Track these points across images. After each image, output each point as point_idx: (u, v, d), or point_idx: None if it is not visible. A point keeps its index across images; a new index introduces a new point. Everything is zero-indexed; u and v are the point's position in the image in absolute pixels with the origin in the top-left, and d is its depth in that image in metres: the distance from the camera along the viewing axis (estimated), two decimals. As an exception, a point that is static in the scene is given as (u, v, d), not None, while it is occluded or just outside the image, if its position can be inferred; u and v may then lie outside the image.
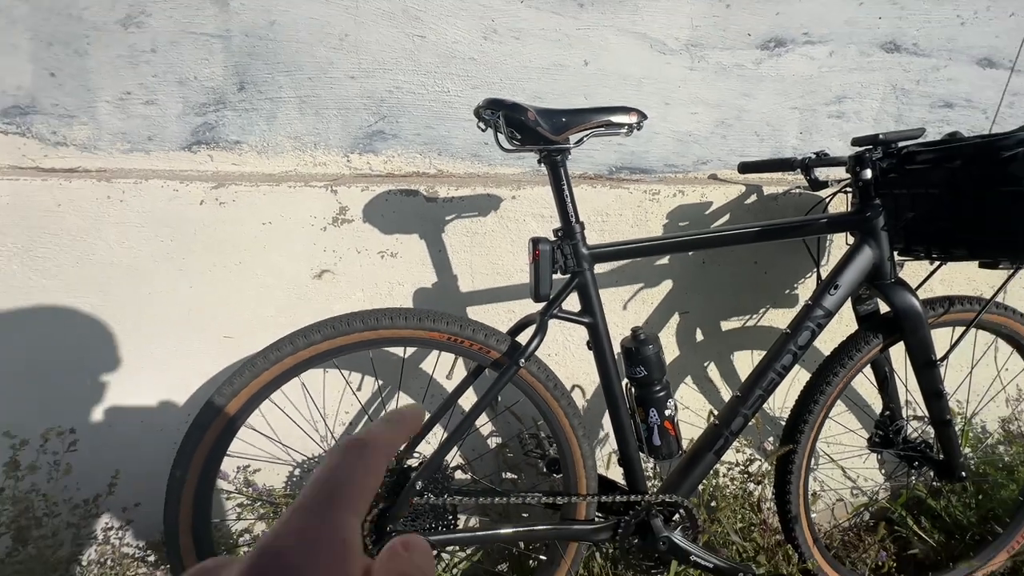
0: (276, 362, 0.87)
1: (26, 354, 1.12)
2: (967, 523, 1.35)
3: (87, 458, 1.06)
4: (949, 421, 1.10)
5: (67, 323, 1.13)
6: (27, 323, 1.11)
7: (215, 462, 0.89)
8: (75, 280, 1.12)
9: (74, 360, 1.14)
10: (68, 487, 0.99)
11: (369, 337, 0.89)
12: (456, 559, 1.23)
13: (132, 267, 1.14)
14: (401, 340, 0.91)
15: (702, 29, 1.42)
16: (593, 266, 0.97)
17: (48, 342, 1.12)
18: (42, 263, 1.11)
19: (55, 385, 1.13)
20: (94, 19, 1.16)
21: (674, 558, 1.01)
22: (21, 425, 1.04)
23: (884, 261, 1.06)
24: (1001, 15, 1.59)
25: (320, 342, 0.87)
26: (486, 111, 0.89)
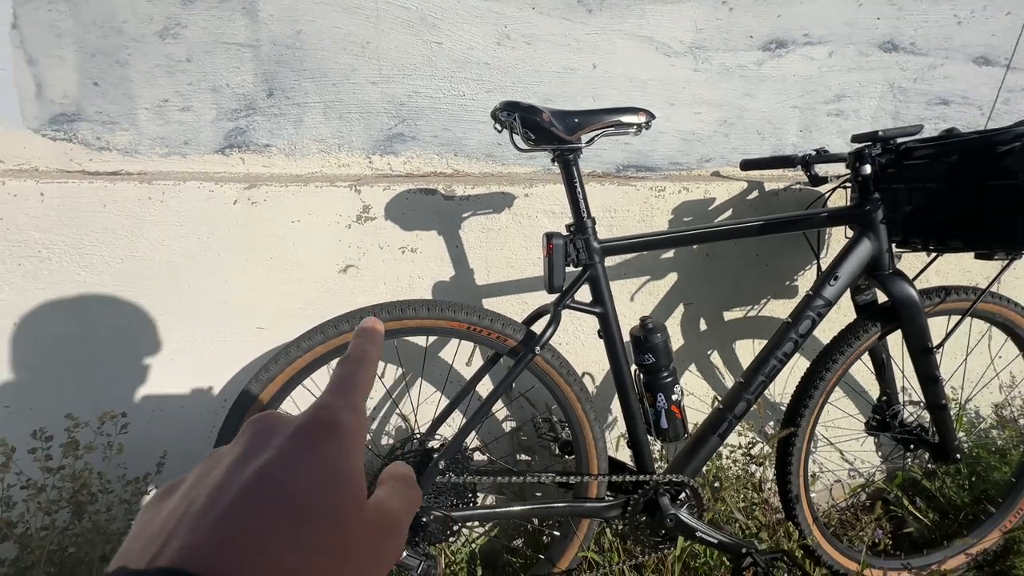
0: (308, 350, 0.89)
1: (80, 343, 1.15)
2: (961, 503, 1.35)
3: (138, 439, 1.10)
4: (944, 405, 1.10)
5: (116, 315, 1.16)
6: (80, 315, 1.14)
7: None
8: (121, 275, 1.15)
9: (123, 349, 1.17)
10: (120, 466, 1.02)
11: (394, 327, 0.90)
12: (475, 535, 1.25)
13: (172, 263, 1.17)
14: (423, 330, 0.92)
15: (705, 32, 1.42)
16: (604, 259, 0.98)
17: (100, 332, 1.16)
18: (90, 259, 1.14)
19: (108, 372, 1.16)
20: (133, 31, 1.18)
21: (680, 534, 1.03)
22: (79, 408, 1.08)
23: (882, 253, 1.06)
24: (997, 14, 1.56)
25: (349, 332, 0.89)
26: (502, 113, 0.89)
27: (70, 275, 1.14)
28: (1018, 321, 1.18)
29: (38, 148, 1.21)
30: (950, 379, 1.57)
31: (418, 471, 0.92)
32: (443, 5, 1.27)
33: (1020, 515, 1.27)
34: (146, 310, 1.17)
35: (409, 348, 1.30)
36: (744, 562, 1.01)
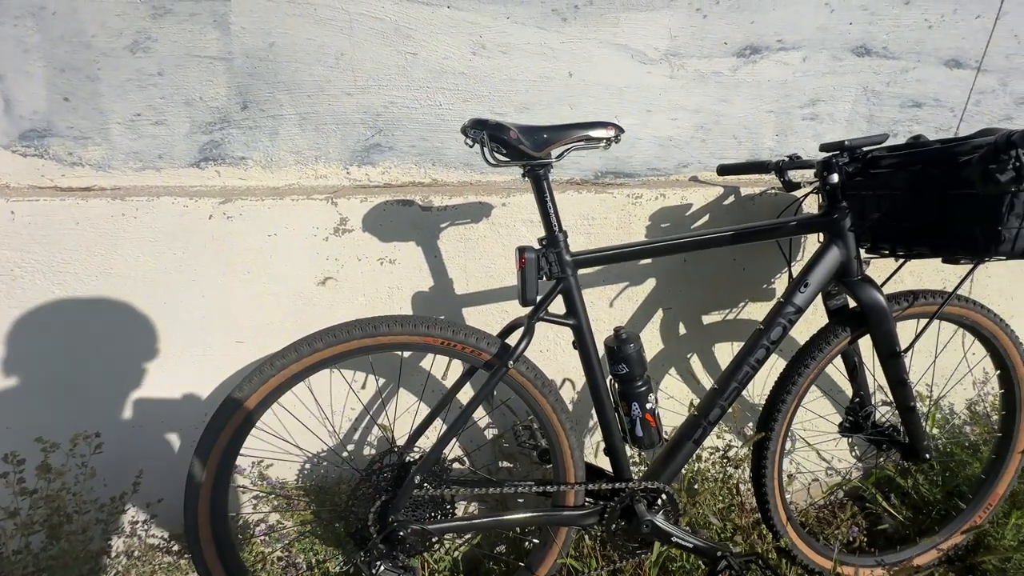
0: (282, 368, 0.89)
1: (53, 363, 1.14)
2: (933, 500, 1.38)
3: (113, 457, 1.10)
4: (913, 407, 1.13)
5: (90, 333, 1.15)
6: (53, 334, 1.13)
7: (230, 460, 0.91)
8: (96, 293, 1.15)
9: (99, 367, 1.16)
10: (95, 487, 1.02)
11: (368, 344, 0.91)
12: (457, 543, 1.27)
13: (148, 279, 1.16)
14: (397, 345, 0.93)
15: (680, 39, 1.42)
16: (576, 272, 0.99)
17: (73, 351, 1.15)
18: (64, 278, 1.13)
19: (82, 392, 1.16)
20: (103, 46, 1.17)
21: (657, 539, 1.04)
22: (53, 429, 1.07)
23: (851, 260, 1.08)
24: (967, 17, 1.58)
25: (323, 349, 0.90)
26: (471, 130, 0.90)
27: (43, 293, 1.13)
28: (983, 323, 1.20)
29: (8, 164, 1.19)
30: (921, 378, 1.60)
31: (395, 485, 0.93)
32: (417, 15, 1.27)
33: (989, 510, 1.30)
34: (122, 328, 1.16)
35: (390, 360, 1.30)
36: (719, 565, 1.03)
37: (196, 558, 0.93)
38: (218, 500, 0.92)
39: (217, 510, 0.91)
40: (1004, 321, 1.23)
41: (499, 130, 0.86)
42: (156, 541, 1.07)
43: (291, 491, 1.17)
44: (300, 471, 1.27)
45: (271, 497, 1.16)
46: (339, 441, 1.27)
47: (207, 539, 0.92)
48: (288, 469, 1.27)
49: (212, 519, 0.91)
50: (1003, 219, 0.90)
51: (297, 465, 1.27)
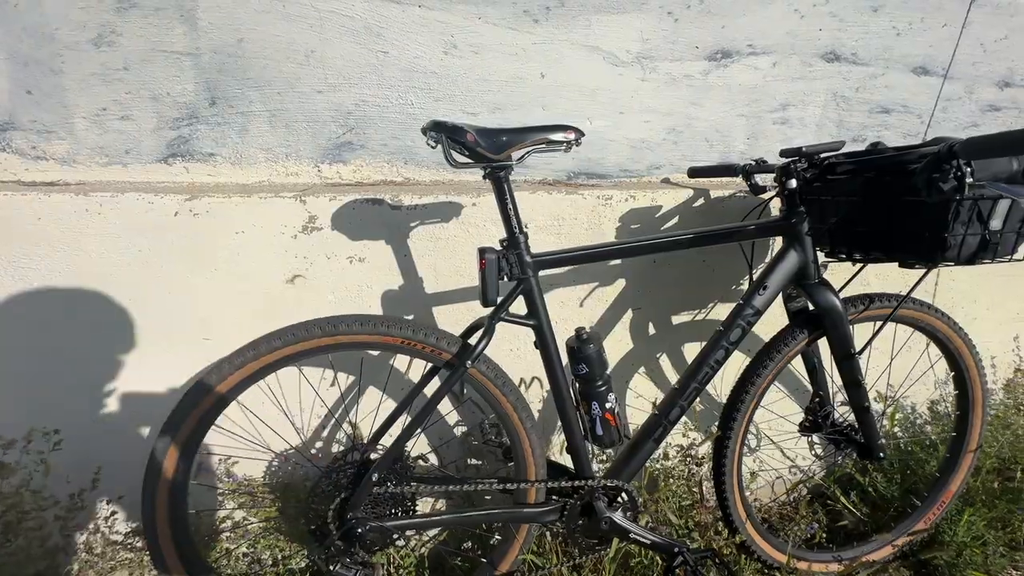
0: (241, 366, 0.89)
1: (12, 358, 1.13)
2: (890, 497, 1.42)
3: (73, 454, 1.09)
4: (867, 408, 1.16)
5: (51, 329, 1.14)
6: (13, 329, 1.12)
7: (190, 455, 0.92)
8: (58, 289, 1.14)
9: (60, 364, 1.16)
10: (53, 484, 1.02)
11: (327, 343, 0.91)
12: (422, 541, 1.28)
13: (112, 276, 1.16)
14: (358, 345, 0.94)
15: (652, 42, 1.44)
16: (537, 273, 1.00)
17: (34, 347, 1.14)
18: (26, 273, 1.12)
19: (44, 387, 1.15)
20: (66, 39, 1.15)
21: (616, 536, 1.07)
22: (9, 427, 1.06)
23: (808, 263, 1.10)
24: (934, 26, 1.61)
25: (282, 347, 0.90)
26: (430, 132, 0.90)
27: (5, 289, 1.12)
28: (938, 327, 1.24)
29: (-31, 158, 1.18)
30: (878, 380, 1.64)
31: (355, 482, 0.94)
32: (387, 14, 1.27)
33: (943, 508, 1.34)
34: (85, 324, 1.16)
35: (358, 357, 1.31)
36: (676, 561, 1.05)
37: (154, 554, 0.93)
38: (177, 495, 0.92)
39: (176, 505, 0.92)
40: (958, 324, 1.26)
41: (457, 133, 0.87)
42: (118, 537, 1.07)
43: (256, 488, 1.18)
44: (267, 469, 1.27)
45: (236, 494, 1.16)
46: (305, 439, 1.27)
47: (166, 535, 0.93)
48: (254, 467, 1.27)
49: (171, 514, 0.92)
50: (949, 226, 0.93)
51: (264, 463, 1.27)
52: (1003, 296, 1.84)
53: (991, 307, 1.84)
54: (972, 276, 1.78)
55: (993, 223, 0.94)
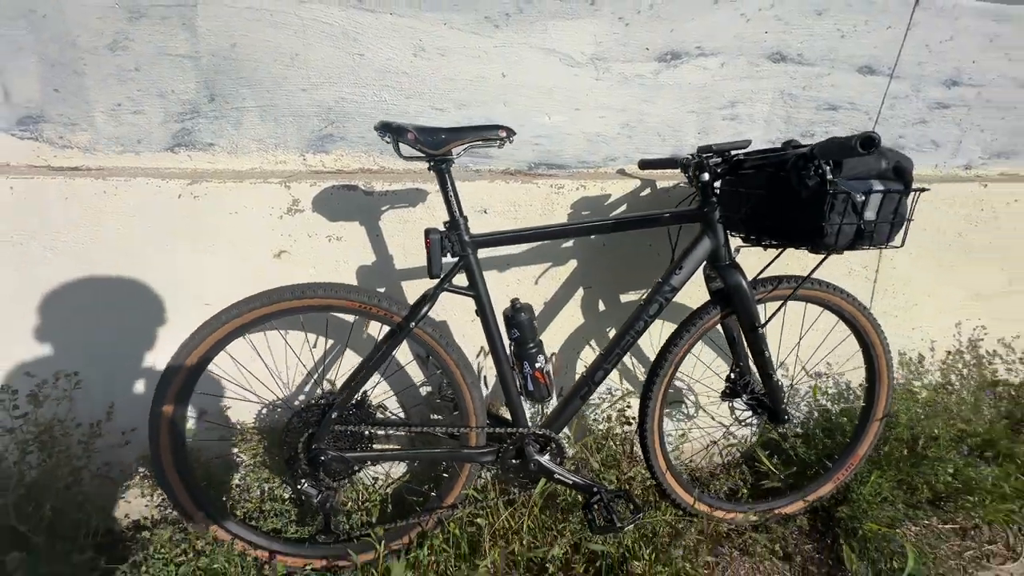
0: (226, 322, 1.09)
1: (41, 314, 1.35)
2: (809, 460, 1.57)
3: (97, 392, 1.31)
4: (771, 375, 1.31)
5: (75, 292, 1.35)
6: (43, 290, 1.34)
7: (186, 396, 1.12)
8: (81, 257, 1.35)
9: (80, 319, 1.37)
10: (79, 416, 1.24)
11: (296, 305, 1.10)
12: (388, 481, 1.48)
13: (127, 249, 1.36)
14: (323, 307, 1.12)
15: (605, 44, 1.57)
16: (476, 251, 1.17)
17: (59, 305, 1.35)
18: (54, 243, 1.33)
19: (65, 339, 1.36)
20: (86, 44, 1.34)
21: (543, 476, 1.25)
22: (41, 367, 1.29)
23: (720, 248, 1.25)
24: (878, 28, 1.70)
25: (259, 307, 1.09)
26: (379, 131, 1.07)
27: (37, 257, 1.33)
28: (844, 306, 1.37)
29: (7, 146, 1.38)
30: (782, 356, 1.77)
31: (318, 421, 1.14)
32: (362, 21, 1.43)
33: (850, 470, 1.49)
34: (103, 288, 1.37)
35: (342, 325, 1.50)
36: (593, 498, 1.23)
37: (159, 479, 1.14)
38: (176, 431, 1.13)
39: (176, 439, 1.13)
40: (864, 305, 1.40)
41: (400, 132, 1.04)
42: (130, 460, 1.29)
43: (247, 430, 1.39)
44: (256, 414, 1.48)
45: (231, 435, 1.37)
46: (289, 390, 1.48)
47: (169, 463, 1.14)
48: (246, 412, 1.48)
49: (172, 445, 1.12)
50: (826, 216, 1.07)
51: (254, 410, 1.48)
52: (943, 284, 1.95)
53: (931, 294, 1.95)
54: (913, 264, 1.89)
55: (867, 214, 1.08)
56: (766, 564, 1.37)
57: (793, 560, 1.39)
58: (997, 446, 1.54)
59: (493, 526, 1.26)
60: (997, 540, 1.49)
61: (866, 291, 1.89)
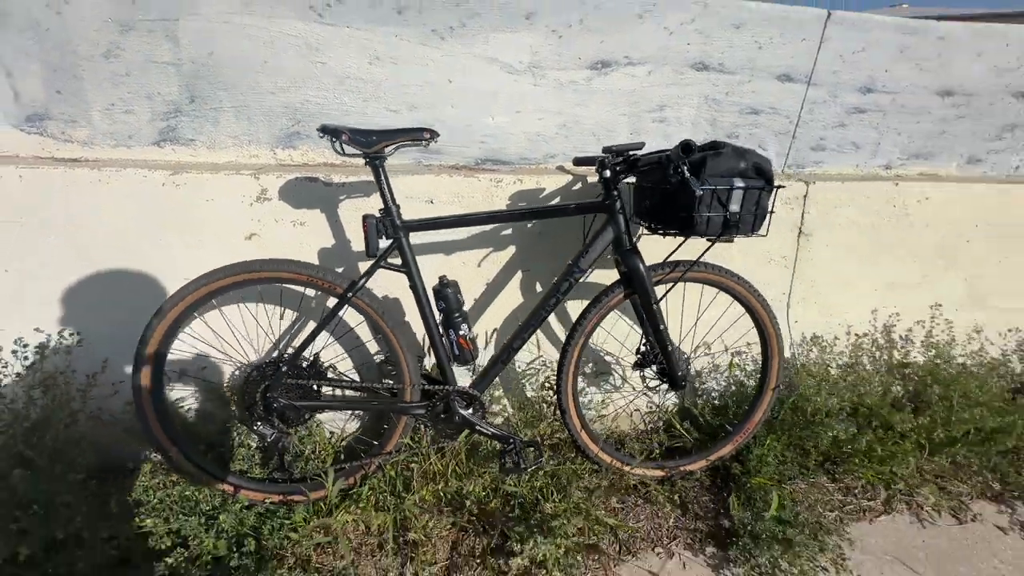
0: (194, 291, 1.30)
1: (49, 282, 1.57)
2: (714, 425, 1.78)
3: (94, 350, 1.55)
4: (667, 347, 1.51)
5: (74, 266, 1.57)
6: (48, 262, 1.56)
7: (163, 354, 1.35)
8: (80, 236, 1.56)
9: (80, 289, 1.59)
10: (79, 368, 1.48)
11: (252, 277, 1.32)
12: (342, 435, 1.71)
13: (120, 229, 1.58)
14: (276, 280, 1.34)
15: (541, 54, 1.76)
16: (408, 234, 1.38)
17: (62, 277, 1.58)
18: (58, 227, 1.55)
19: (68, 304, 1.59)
20: (84, 52, 1.55)
21: (466, 428, 1.46)
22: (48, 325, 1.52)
23: (621, 235, 1.44)
24: (794, 40, 1.88)
25: (221, 278, 1.31)
26: (320, 132, 1.28)
27: (40, 237, 1.55)
28: (736, 288, 1.56)
29: (17, 140, 1.60)
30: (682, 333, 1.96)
31: (273, 375, 1.36)
32: (322, 34, 1.63)
33: (747, 434, 1.69)
34: (99, 262, 1.59)
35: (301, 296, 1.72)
36: (508, 446, 1.44)
37: (143, 421, 1.37)
38: (156, 378, 1.35)
39: (156, 385, 1.35)
40: (753, 286, 1.59)
41: (336, 134, 1.25)
42: (118, 406, 1.53)
43: (219, 386, 1.62)
44: (229, 375, 1.71)
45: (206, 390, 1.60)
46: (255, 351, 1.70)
47: (148, 405, 1.36)
48: (219, 372, 1.70)
49: (152, 391, 1.35)
50: (695, 208, 1.26)
51: (227, 369, 1.70)
52: (860, 274, 2.13)
53: (849, 283, 2.14)
54: (830, 255, 2.07)
55: (732, 207, 1.27)
56: (664, 511, 1.58)
57: (688, 508, 1.60)
58: (881, 417, 1.73)
59: (424, 469, 1.48)
60: (877, 498, 1.69)
61: (785, 279, 2.08)
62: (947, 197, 2.11)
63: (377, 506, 1.44)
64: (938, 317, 2.11)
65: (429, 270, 1.66)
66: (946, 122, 2.14)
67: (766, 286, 2.06)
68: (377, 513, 1.40)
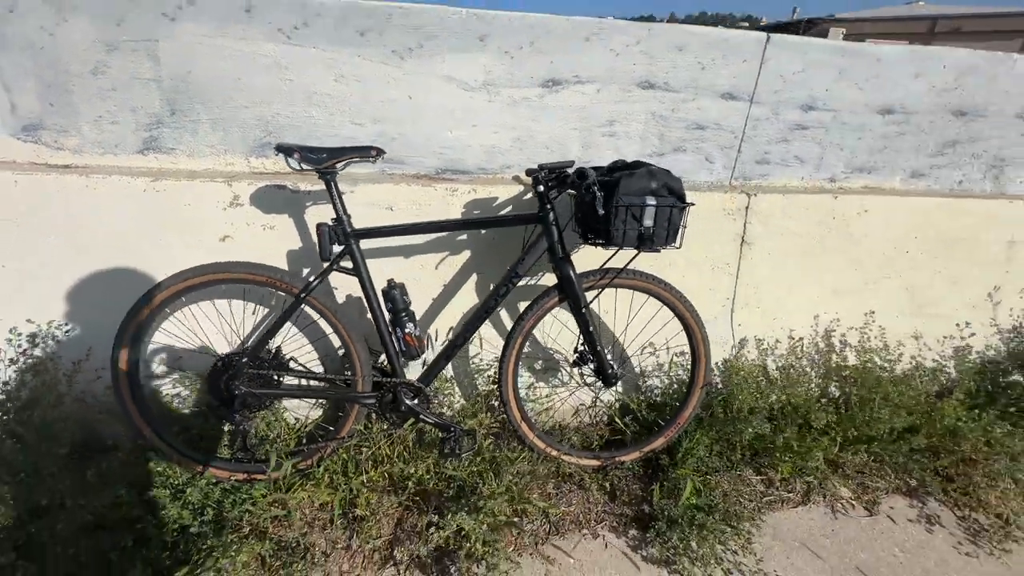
0: (166, 288, 1.47)
1: (42, 277, 1.74)
2: (651, 421, 1.92)
3: (80, 340, 1.72)
4: (596, 347, 1.65)
5: (67, 264, 1.74)
6: (41, 260, 1.73)
7: (139, 344, 1.51)
8: (74, 237, 1.72)
9: (69, 285, 1.76)
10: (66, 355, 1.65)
11: (217, 278, 1.47)
12: (306, 422, 1.87)
13: (108, 230, 1.74)
14: (238, 280, 1.49)
15: (495, 73, 1.90)
16: (358, 241, 1.53)
17: (53, 275, 1.75)
18: (51, 228, 1.71)
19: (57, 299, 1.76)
20: (75, 70, 1.71)
21: (411, 416, 1.62)
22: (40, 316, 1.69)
23: (555, 244, 1.58)
24: (735, 61, 2.00)
25: (191, 277, 1.47)
26: (275, 150, 1.43)
27: (35, 238, 1.71)
28: (663, 294, 1.70)
29: (14, 148, 1.77)
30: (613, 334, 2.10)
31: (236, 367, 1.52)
32: (290, 53, 1.77)
33: (678, 428, 1.82)
34: (88, 261, 1.76)
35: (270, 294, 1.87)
36: (449, 434, 1.59)
37: (121, 405, 1.54)
38: (132, 363, 1.52)
39: (132, 368, 1.52)
40: (680, 292, 1.72)
41: (289, 152, 1.40)
42: (100, 390, 1.70)
43: (193, 375, 1.78)
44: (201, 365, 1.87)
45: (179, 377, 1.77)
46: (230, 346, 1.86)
47: (128, 397, 1.53)
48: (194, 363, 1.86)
49: (130, 383, 1.51)
50: (612, 222, 1.40)
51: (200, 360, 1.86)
52: (803, 281, 2.26)
53: (792, 290, 2.26)
54: (772, 263, 2.20)
55: (646, 222, 1.41)
56: (594, 496, 1.73)
57: (617, 496, 1.75)
58: (805, 415, 1.87)
59: (374, 453, 1.64)
60: (796, 490, 1.83)
61: (729, 285, 2.21)
62: (887, 209, 2.23)
63: (331, 485, 1.60)
64: (871, 324, 2.23)
65: (390, 272, 1.82)
66: (887, 138, 2.25)
67: (712, 292, 2.21)
68: (329, 491, 1.56)
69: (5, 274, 1.72)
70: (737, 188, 2.18)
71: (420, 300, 1.97)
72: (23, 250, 1.72)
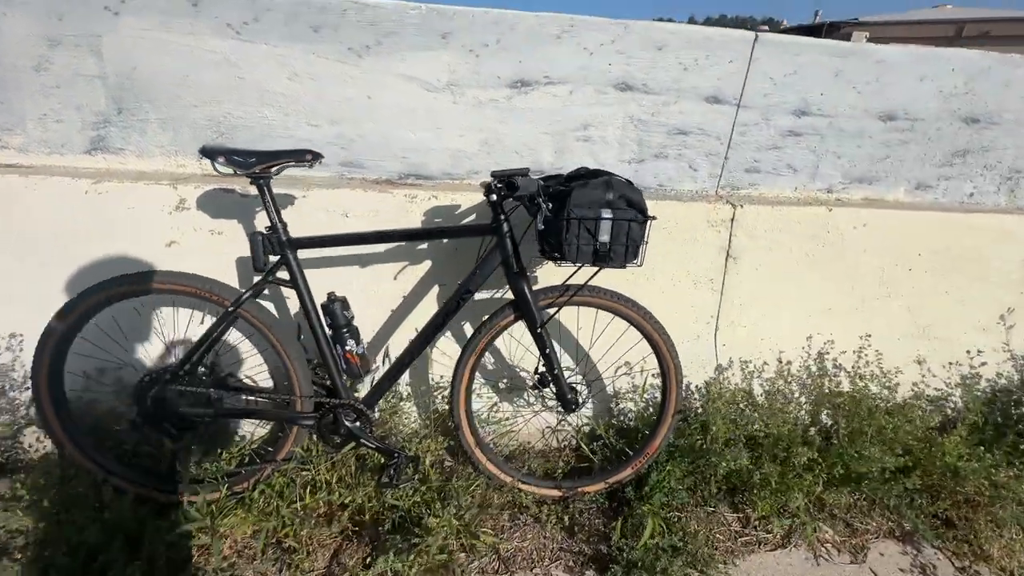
0: (92, 295, 1.38)
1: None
2: (619, 449, 1.78)
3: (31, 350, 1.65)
4: (553, 369, 1.52)
5: (7, 269, 1.67)
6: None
7: (62, 353, 1.42)
8: (10, 240, 1.66)
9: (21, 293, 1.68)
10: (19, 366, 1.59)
11: (144, 288, 1.38)
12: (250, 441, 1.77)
13: (45, 232, 1.66)
14: (166, 291, 1.39)
15: (459, 73, 1.78)
16: (296, 250, 1.43)
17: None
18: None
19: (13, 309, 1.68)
20: (16, 64, 1.64)
21: (352, 440, 1.50)
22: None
23: (509, 257, 1.45)
24: (721, 62, 1.86)
25: (115, 287, 1.38)
26: (199, 153, 1.33)
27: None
28: (630, 314, 1.55)
29: (-44, 147, 1.71)
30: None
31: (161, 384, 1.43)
32: (240, 50, 1.68)
33: (648, 458, 1.68)
34: (31, 265, 1.68)
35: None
36: (392, 460, 1.47)
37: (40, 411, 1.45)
38: (54, 378, 1.43)
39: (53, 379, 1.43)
40: (650, 313, 1.58)
41: (213, 155, 1.29)
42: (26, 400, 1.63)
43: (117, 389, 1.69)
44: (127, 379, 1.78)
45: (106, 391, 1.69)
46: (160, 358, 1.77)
47: (50, 411, 1.44)
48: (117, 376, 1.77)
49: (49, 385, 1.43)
50: (564, 237, 1.27)
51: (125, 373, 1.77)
52: (794, 299, 2.09)
53: (782, 307, 2.10)
54: (760, 279, 2.04)
55: (602, 237, 1.28)
56: (549, 531, 1.60)
57: (576, 531, 1.61)
58: (787, 448, 1.71)
59: (313, 478, 1.53)
60: (776, 530, 1.67)
61: (713, 302, 2.06)
62: (887, 224, 2.05)
63: (264, 511, 1.49)
64: (867, 348, 2.06)
65: (342, 284, 1.71)
66: (890, 147, 2.08)
67: (693, 309, 2.06)
68: (260, 518, 1.45)
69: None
70: (723, 198, 2.03)
71: (376, 314, 1.87)
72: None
